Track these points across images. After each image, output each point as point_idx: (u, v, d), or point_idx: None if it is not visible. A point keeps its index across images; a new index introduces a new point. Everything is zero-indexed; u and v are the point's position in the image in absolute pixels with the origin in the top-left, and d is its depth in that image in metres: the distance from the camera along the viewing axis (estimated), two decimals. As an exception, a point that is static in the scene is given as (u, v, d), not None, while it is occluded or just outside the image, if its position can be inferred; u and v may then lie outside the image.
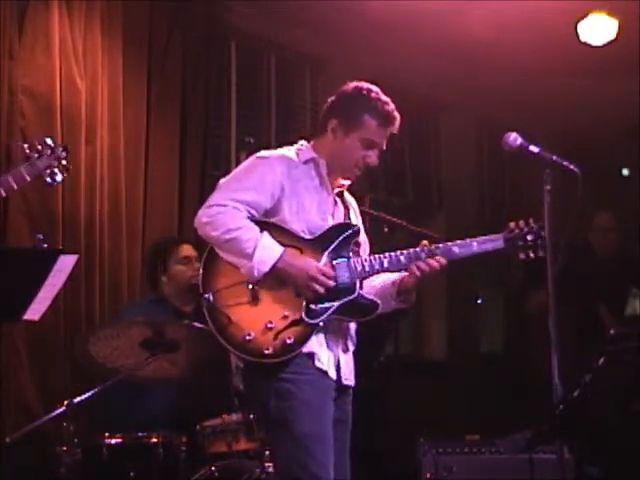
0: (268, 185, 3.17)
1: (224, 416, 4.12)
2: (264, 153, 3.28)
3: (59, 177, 3.69)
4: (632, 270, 6.18)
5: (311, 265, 3.14)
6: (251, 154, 3.29)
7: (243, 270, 3.10)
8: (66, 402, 3.62)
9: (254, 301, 3.12)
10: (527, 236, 3.30)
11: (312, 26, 6.13)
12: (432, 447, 4.84)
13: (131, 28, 5.17)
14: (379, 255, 3.25)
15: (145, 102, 5.23)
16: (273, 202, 3.18)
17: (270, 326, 3.09)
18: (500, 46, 6.34)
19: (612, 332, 3.20)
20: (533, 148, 3.26)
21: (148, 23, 5.27)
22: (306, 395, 3.08)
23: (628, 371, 3.17)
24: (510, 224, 3.33)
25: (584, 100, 6.98)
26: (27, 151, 3.61)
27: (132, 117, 5.14)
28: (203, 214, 3.14)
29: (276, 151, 3.30)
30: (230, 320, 3.10)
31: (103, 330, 3.95)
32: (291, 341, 3.09)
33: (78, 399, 3.65)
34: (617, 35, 6.03)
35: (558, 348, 3.09)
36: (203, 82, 5.55)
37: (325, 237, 3.22)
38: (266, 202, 3.17)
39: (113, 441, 3.90)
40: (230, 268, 3.12)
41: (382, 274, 3.31)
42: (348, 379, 3.28)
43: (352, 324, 3.31)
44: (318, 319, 3.14)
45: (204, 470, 4.00)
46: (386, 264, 3.23)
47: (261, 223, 3.15)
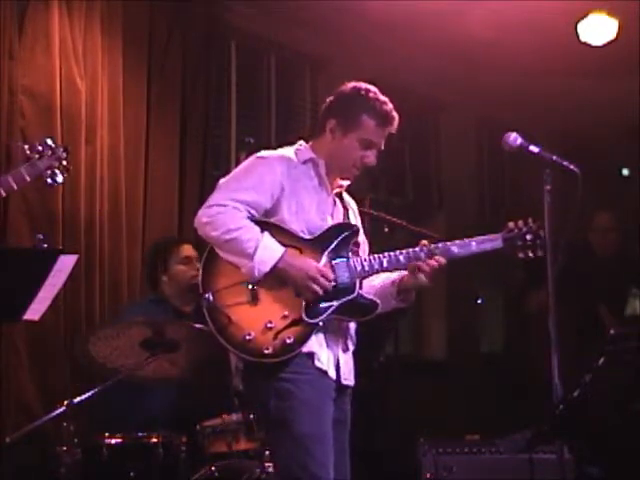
0: (268, 185, 3.17)
1: (224, 416, 4.12)
2: (263, 153, 3.28)
3: (59, 178, 3.68)
4: (632, 270, 6.18)
5: (311, 266, 3.14)
6: (251, 154, 3.29)
7: (244, 270, 3.10)
8: (66, 402, 3.62)
9: (254, 301, 3.12)
10: (526, 236, 3.31)
11: (312, 26, 6.13)
12: (432, 447, 4.84)
13: (131, 28, 5.17)
14: (378, 255, 3.25)
15: (145, 102, 5.23)
16: (273, 202, 3.18)
17: (270, 326, 3.09)
18: (500, 46, 6.34)
19: (612, 332, 3.20)
20: (533, 148, 3.26)
21: (148, 23, 5.27)
22: (306, 395, 3.08)
23: (628, 371, 3.17)
24: (509, 224, 3.34)
25: (584, 100, 6.97)
26: (27, 151, 3.61)
27: (132, 117, 5.14)
28: (203, 214, 3.14)
29: (275, 151, 3.30)
30: (230, 320, 3.10)
31: (103, 330, 3.95)
32: (291, 341, 3.10)
33: (78, 399, 3.64)
34: (617, 35, 6.03)
35: (558, 348, 3.09)
36: (203, 82, 5.55)
37: (324, 237, 3.22)
38: (266, 202, 3.17)
39: (113, 441, 3.90)
40: (230, 268, 3.12)
41: (381, 274, 3.32)
42: (347, 379, 3.28)
43: (352, 324, 3.31)
44: (318, 319, 3.14)
45: (204, 470, 3.99)
46: (385, 264, 3.23)
47: (261, 223, 3.15)
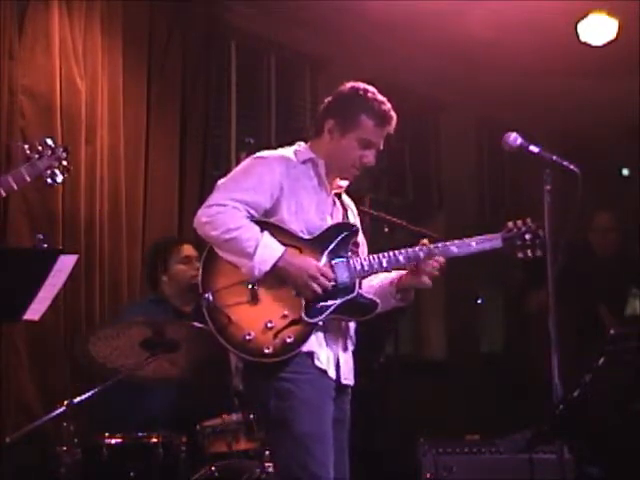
0: (267, 185, 3.17)
1: (224, 416, 4.12)
2: (262, 153, 3.28)
3: (59, 178, 3.68)
4: (632, 270, 6.18)
5: (311, 264, 3.14)
6: (251, 154, 3.29)
7: (244, 269, 3.10)
8: (66, 402, 3.61)
9: (254, 301, 3.12)
10: (525, 235, 3.31)
11: (312, 26, 6.13)
12: (432, 447, 4.84)
13: (131, 28, 5.17)
14: (378, 255, 3.25)
15: (145, 102, 5.23)
16: (272, 202, 3.18)
17: (270, 325, 3.09)
18: (500, 46, 6.34)
19: (612, 332, 3.21)
20: (533, 148, 3.26)
21: (148, 23, 5.27)
22: (306, 394, 3.08)
23: (628, 371, 3.17)
24: (508, 223, 3.34)
25: (584, 100, 6.98)
26: (27, 151, 3.61)
27: (132, 117, 5.14)
28: (202, 214, 3.14)
29: (274, 151, 3.30)
30: (230, 320, 3.10)
31: (103, 330, 3.95)
32: (291, 340, 3.10)
33: (78, 399, 3.64)
34: (617, 35, 6.03)
35: (558, 348, 3.09)
36: (203, 82, 5.55)
37: (324, 237, 3.22)
38: (265, 202, 3.17)
39: (113, 441, 3.90)
40: (230, 268, 3.12)
41: (380, 273, 3.32)
42: (347, 378, 3.27)
43: (351, 324, 3.31)
44: (317, 318, 3.14)
45: (204, 470, 3.99)
46: (385, 263, 3.23)
47: (260, 223, 3.15)
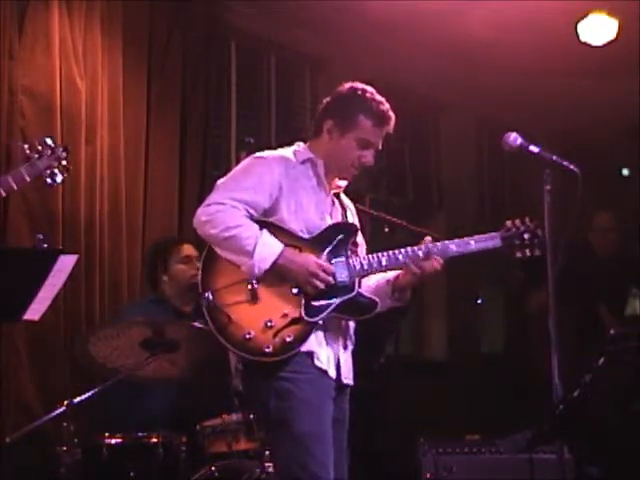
0: (266, 185, 3.17)
1: (224, 416, 4.11)
2: (262, 153, 3.28)
3: (59, 178, 3.68)
4: (632, 270, 6.18)
5: (311, 261, 3.14)
6: (251, 154, 3.30)
7: (243, 268, 3.10)
8: (66, 402, 3.61)
9: (253, 300, 3.12)
10: (524, 235, 3.31)
11: (312, 26, 6.13)
12: (432, 447, 4.84)
13: (131, 28, 5.17)
14: (377, 254, 3.25)
15: (145, 102, 5.22)
16: (271, 202, 3.18)
17: (270, 324, 3.09)
18: (500, 46, 6.34)
19: (612, 332, 3.21)
20: (533, 148, 3.26)
21: (148, 23, 5.27)
22: (306, 394, 3.08)
23: (628, 371, 3.17)
24: (507, 223, 3.34)
25: (584, 100, 6.97)
26: (27, 151, 3.61)
27: (132, 117, 5.14)
28: (202, 213, 3.14)
29: (274, 151, 3.31)
30: (230, 319, 3.10)
31: (103, 330, 3.95)
32: (291, 339, 3.09)
33: (78, 399, 3.64)
34: (617, 35, 6.03)
35: (558, 348, 3.09)
36: (203, 82, 5.55)
37: (323, 236, 3.22)
38: (264, 202, 3.17)
39: (113, 441, 3.90)
40: (229, 267, 3.12)
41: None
42: (347, 378, 3.28)
43: (351, 323, 3.31)
44: (317, 317, 3.14)
45: (204, 470, 3.99)
46: (384, 262, 3.23)
47: (260, 222, 3.15)
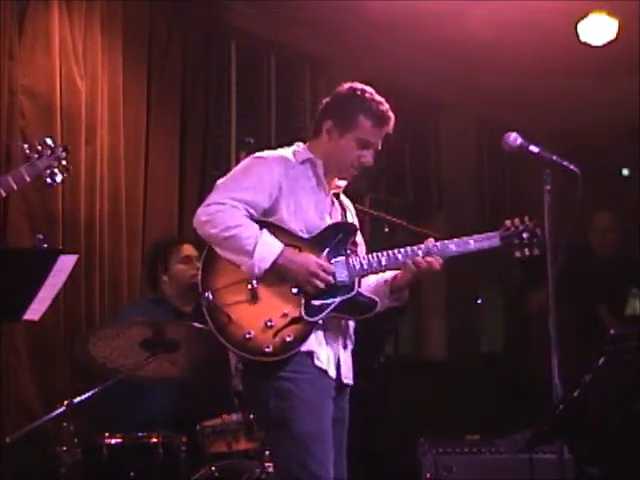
0: (266, 185, 3.17)
1: (224, 416, 4.11)
2: (261, 153, 3.28)
3: (59, 177, 3.68)
4: (632, 270, 6.18)
5: (311, 261, 3.15)
6: (251, 154, 3.30)
7: (243, 267, 3.11)
8: (66, 402, 3.61)
9: (253, 299, 3.12)
10: (522, 234, 3.31)
11: (312, 26, 6.13)
12: (432, 447, 4.84)
13: (131, 28, 5.17)
14: (377, 253, 3.25)
15: (145, 102, 5.22)
16: (271, 202, 3.19)
17: (270, 324, 3.10)
18: (500, 46, 6.34)
19: (612, 332, 3.21)
20: (533, 148, 3.26)
21: (148, 23, 5.27)
22: (306, 394, 3.09)
23: (628, 371, 3.17)
24: (506, 222, 3.34)
25: (584, 100, 6.98)
26: (27, 151, 3.61)
27: (132, 117, 5.14)
28: (202, 213, 3.14)
29: (273, 152, 3.31)
30: (230, 319, 3.10)
31: (103, 330, 3.95)
32: (290, 339, 3.10)
33: (78, 399, 3.64)
34: (617, 35, 6.03)
35: (558, 348, 3.09)
36: (203, 82, 5.55)
37: (323, 236, 3.22)
38: (264, 202, 3.18)
39: (113, 441, 3.90)
40: (229, 267, 3.12)
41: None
42: (347, 377, 3.28)
43: (351, 323, 3.32)
44: (317, 317, 3.14)
45: (204, 470, 3.99)
46: (384, 262, 3.23)
47: (260, 222, 3.15)
